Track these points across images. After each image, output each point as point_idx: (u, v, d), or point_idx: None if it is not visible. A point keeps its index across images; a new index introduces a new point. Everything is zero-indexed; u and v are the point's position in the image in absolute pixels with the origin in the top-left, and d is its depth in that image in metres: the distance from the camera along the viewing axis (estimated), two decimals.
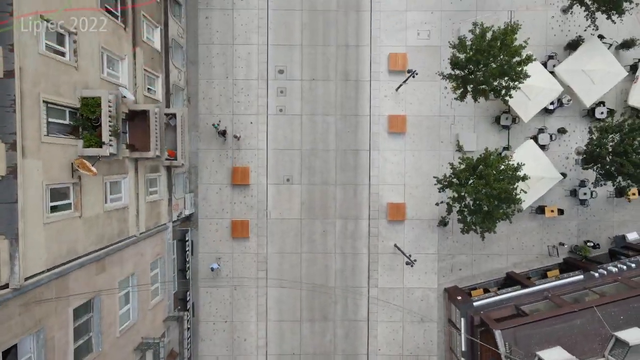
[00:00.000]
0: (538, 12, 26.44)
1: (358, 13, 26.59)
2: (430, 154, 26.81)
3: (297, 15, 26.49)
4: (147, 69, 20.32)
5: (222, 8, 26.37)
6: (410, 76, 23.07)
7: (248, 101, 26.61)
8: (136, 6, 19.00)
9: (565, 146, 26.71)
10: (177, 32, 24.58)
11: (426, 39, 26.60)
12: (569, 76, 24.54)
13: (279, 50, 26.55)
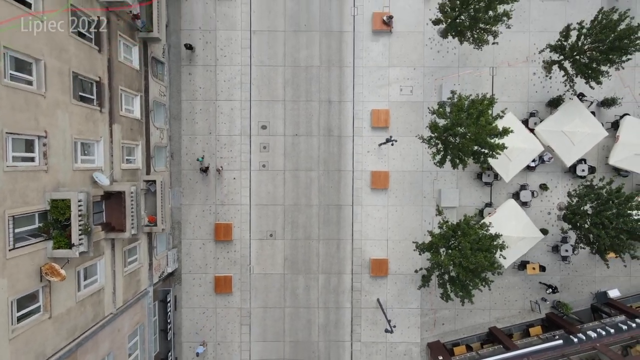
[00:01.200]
0: (520, 68, 26.55)
1: (341, 69, 26.69)
2: (413, 209, 26.88)
3: (280, 71, 26.58)
4: (126, 141, 20.37)
5: (205, 65, 26.45)
6: (389, 143, 23.17)
7: (231, 157, 26.68)
8: (113, 82, 19.08)
9: (548, 201, 26.79)
10: (158, 92, 24.66)
11: (409, 95, 26.69)
12: (549, 136, 24.63)
13: (262, 106, 26.64)
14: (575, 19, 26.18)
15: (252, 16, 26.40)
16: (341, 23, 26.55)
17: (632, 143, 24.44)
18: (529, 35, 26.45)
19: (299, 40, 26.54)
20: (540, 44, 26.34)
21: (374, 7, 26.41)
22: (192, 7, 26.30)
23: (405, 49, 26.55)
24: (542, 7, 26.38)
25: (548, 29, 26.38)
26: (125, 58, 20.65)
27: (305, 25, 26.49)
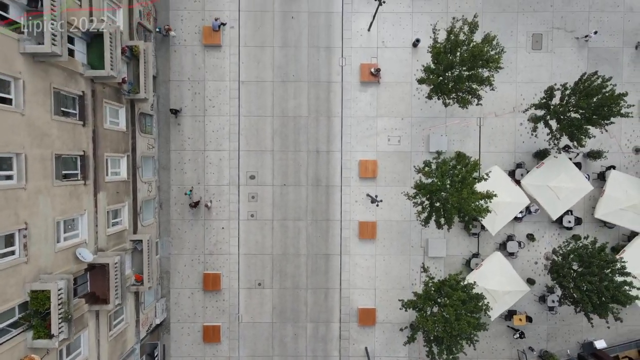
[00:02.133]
0: (507, 119, 26.70)
1: (329, 119, 26.83)
2: (400, 258, 27.00)
3: (268, 122, 26.73)
4: (112, 206, 20.50)
5: (194, 115, 26.59)
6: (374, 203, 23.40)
7: (220, 207, 26.79)
8: (98, 151, 19.21)
9: (535, 251, 26.91)
10: (147, 145, 24.78)
11: (397, 145, 26.83)
12: (535, 190, 24.77)
13: (251, 156, 26.77)
14: (561, 71, 26.48)
15: (241, 67, 26.54)
16: (329, 73, 26.70)
17: (616, 198, 24.59)
18: (516, 86, 26.62)
19: (288, 91, 26.69)
20: (527, 94, 26.57)
21: (361, 59, 26.56)
22: (181, 59, 26.44)
23: (393, 99, 26.71)
24: (528, 58, 26.55)
25: (534, 80, 26.57)
26: (111, 122, 20.79)
27: (293, 75, 26.65)
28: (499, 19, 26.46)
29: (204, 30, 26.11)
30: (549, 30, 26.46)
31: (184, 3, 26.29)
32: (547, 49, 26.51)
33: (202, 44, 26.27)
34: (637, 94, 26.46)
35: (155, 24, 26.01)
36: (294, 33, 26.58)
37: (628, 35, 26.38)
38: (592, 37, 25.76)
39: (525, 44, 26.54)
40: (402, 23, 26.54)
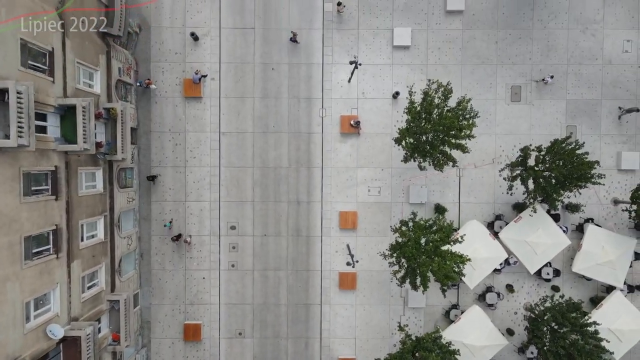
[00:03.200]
0: (486, 170, 26.83)
1: (309, 170, 26.96)
2: (380, 308, 27.10)
3: (249, 172, 26.85)
4: (87, 271, 20.59)
5: (175, 166, 26.72)
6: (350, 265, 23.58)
7: (200, 257, 26.90)
8: (73, 221, 19.31)
9: (514, 301, 27.02)
10: (126, 199, 24.89)
11: (377, 195, 26.95)
12: (513, 245, 24.89)
13: (231, 207, 26.89)
14: (540, 122, 26.65)
15: (222, 118, 26.69)
16: (310, 124, 26.85)
17: (594, 253, 24.71)
18: (495, 137, 26.76)
19: (268, 142, 26.83)
20: (506, 146, 26.73)
21: (342, 110, 26.71)
22: (162, 110, 26.58)
23: (373, 150, 26.84)
24: (507, 110, 26.71)
25: (513, 132, 26.72)
26: (87, 187, 20.91)
27: (274, 126, 26.79)
28: (478, 71, 26.62)
29: (184, 83, 26.26)
30: (527, 83, 26.62)
31: (165, 55, 26.44)
32: (526, 101, 26.67)
33: (183, 95, 26.41)
34: (615, 146, 26.63)
35: (137, 77, 26.17)
36: (275, 84, 26.73)
37: (606, 87, 26.53)
38: (549, 81, 25.89)
39: (505, 96, 26.69)
40: (382, 74, 26.69)
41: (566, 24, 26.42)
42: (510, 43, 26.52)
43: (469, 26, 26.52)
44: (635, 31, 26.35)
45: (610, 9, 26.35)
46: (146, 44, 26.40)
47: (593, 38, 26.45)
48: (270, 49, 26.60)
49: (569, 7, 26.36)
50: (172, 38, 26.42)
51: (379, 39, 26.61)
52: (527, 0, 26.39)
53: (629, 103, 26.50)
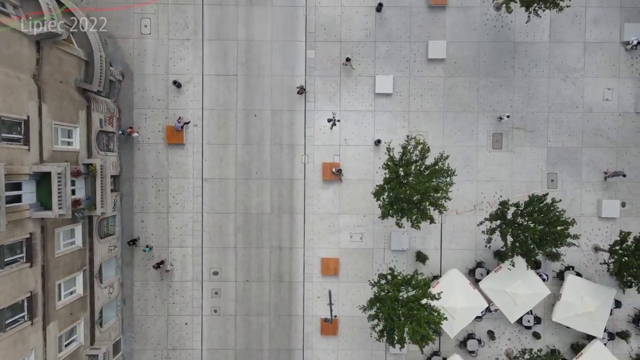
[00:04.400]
0: (468, 217, 26.94)
1: (292, 216, 27.05)
2: (362, 354, 27.17)
3: (231, 218, 26.94)
4: (65, 329, 20.63)
5: (157, 212, 26.79)
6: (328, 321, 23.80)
7: (183, 302, 26.96)
8: (49, 284, 19.36)
9: (495, 347, 27.11)
10: (107, 248, 24.95)
11: (359, 242, 27.05)
12: (493, 294, 24.99)
13: (214, 253, 26.96)
14: (521, 170, 26.80)
15: (204, 165, 26.79)
16: (292, 171, 26.95)
17: (573, 303, 24.81)
18: (477, 184, 26.88)
19: (251, 188, 26.93)
20: (488, 193, 26.86)
21: (324, 157, 26.81)
22: (144, 156, 26.67)
23: (355, 196, 26.95)
24: (489, 157, 26.83)
25: (495, 179, 26.85)
26: (65, 245, 20.96)
27: (256, 173, 26.90)
28: (460, 118, 26.75)
29: (167, 130, 26.36)
30: (509, 130, 26.75)
31: (148, 102, 26.55)
32: (507, 149, 26.80)
33: (165, 142, 26.50)
34: (595, 194, 26.76)
35: (119, 124, 26.27)
36: (257, 131, 26.85)
37: (587, 135, 26.67)
38: (504, 120, 26.01)
39: (486, 143, 26.82)
40: (364, 121, 26.82)
41: (547, 72, 26.58)
42: (491, 91, 26.67)
43: (450, 74, 26.66)
44: (616, 79, 26.51)
45: (590, 57, 26.51)
46: (129, 91, 26.50)
47: (574, 86, 26.61)
48: (253, 96, 26.72)
49: (550, 56, 26.51)
50: (155, 85, 26.53)
51: (361, 85, 26.74)
52: (508, 49, 26.55)
53: (610, 151, 26.65)
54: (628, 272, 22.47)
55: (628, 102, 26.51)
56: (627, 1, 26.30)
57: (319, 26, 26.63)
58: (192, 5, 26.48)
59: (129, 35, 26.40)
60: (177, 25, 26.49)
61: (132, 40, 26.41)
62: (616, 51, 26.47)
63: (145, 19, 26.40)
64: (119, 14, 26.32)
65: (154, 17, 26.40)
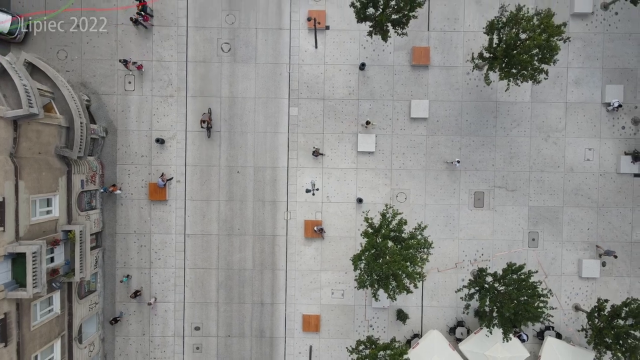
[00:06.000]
0: (449, 274, 27.02)
1: (274, 272, 27.12)
2: None
3: (213, 274, 27.01)
4: None
5: (140, 267, 26.84)
6: None
7: (164, 357, 26.99)
8: (24, 358, 19.39)
9: None
10: (88, 308, 24.99)
11: (340, 298, 27.11)
12: (472, 356, 24.99)
13: (196, 308, 27.01)
14: (503, 228, 26.90)
15: (187, 220, 26.87)
16: (274, 227, 27.03)
17: None
18: (458, 242, 26.97)
19: (233, 244, 27.00)
20: (469, 251, 26.94)
21: (306, 214, 26.90)
22: (127, 212, 26.74)
23: (337, 253, 27.02)
24: (470, 215, 26.92)
25: (476, 237, 26.93)
26: (42, 314, 21.01)
27: (239, 229, 26.97)
28: (442, 177, 26.85)
29: (149, 187, 26.44)
30: (490, 189, 26.86)
31: (131, 158, 26.63)
32: (489, 207, 26.90)
33: (148, 199, 26.58)
34: (576, 253, 26.85)
35: (102, 181, 26.35)
36: (240, 187, 26.94)
37: (568, 195, 26.78)
38: (456, 165, 26.11)
39: (468, 202, 26.92)
40: (347, 179, 26.92)
41: (529, 132, 26.71)
42: (473, 149, 26.79)
43: (433, 132, 26.78)
44: (597, 140, 26.64)
45: (572, 117, 26.65)
46: (112, 146, 26.59)
47: (555, 146, 26.73)
48: (236, 152, 26.83)
49: (532, 116, 26.65)
50: (138, 141, 26.62)
51: (344, 143, 26.86)
52: (490, 108, 26.69)
53: (591, 211, 26.76)
54: (602, 342, 22.53)
55: (609, 162, 26.64)
56: (608, 62, 26.46)
57: (302, 84, 26.77)
58: (176, 62, 26.61)
59: (113, 92, 26.52)
60: (161, 82, 26.61)
61: (117, 96, 26.53)
62: (597, 112, 26.62)
63: (129, 76, 26.51)
64: (103, 70, 26.45)
65: (138, 74, 26.50)
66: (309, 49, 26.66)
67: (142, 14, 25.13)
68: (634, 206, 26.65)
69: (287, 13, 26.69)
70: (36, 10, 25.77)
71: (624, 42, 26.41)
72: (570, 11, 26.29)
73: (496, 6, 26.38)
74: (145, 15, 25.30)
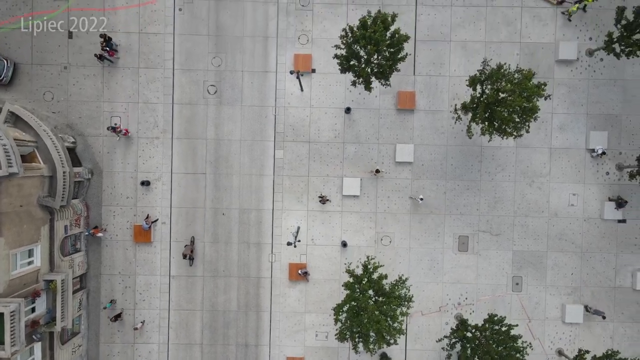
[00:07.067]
0: (433, 318, 27.08)
1: (258, 314, 27.17)
2: None
3: (198, 315, 27.05)
4: None
5: (124, 308, 26.84)
6: None
7: None
8: None
9: None
10: (70, 352, 25.00)
11: (324, 340, 27.15)
12: None
13: (180, 349, 27.04)
14: (487, 272, 26.99)
15: (172, 262, 26.91)
16: (259, 269, 27.09)
17: None
18: (442, 286, 27.02)
19: (218, 285, 27.04)
20: (453, 295, 27.01)
21: (291, 256, 26.95)
22: (112, 253, 26.78)
23: (321, 295, 27.07)
24: (454, 259, 26.98)
25: (461, 281, 26.99)
26: None
27: (224, 270, 27.02)
28: (427, 220, 26.93)
29: (134, 229, 26.48)
30: (474, 233, 26.93)
31: (117, 199, 26.68)
32: (473, 251, 26.97)
33: (133, 240, 26.63)
34: (560, 298, 26.92)
35: (87, 223, 26.39)
36: (225, 229, 26.99)
37: (552, 240, 26.86)
38: (420, 202, 26.13)
39: (452, 245, 26.98)
40: (332, 222, 26.97)
41: (513, 177, 26.80)
42: (458, 194, 26.86)
43: (418, 176, 26.87)
44: (581, 185, 26.73)
45: (556, 162, 26.74)
46: (98, 188, 26.65)
47: (540, 191, 26.82)
48: (221, 194, 26.89)
49: (516, 161, 26.74)
50: (123, 183, 26.68)
51: (329, 186, 26.93)
52: (475, 153, 26.77)
53: (574, 256, 26.83)
54: None
55: (593, 207, 26.72)
56: (592, 108, 26.57)
57: (288, 126, 26.85)
58: (162, 104, 26.68)
59: (99, 133, 26.58)
60: (147, 123, 26.68)
61: (102, 138, 26.59)
62: (582, 157, 26.71)
63: (115, 117, 26.58)
64: (89, 112, 26.52)
65: (124, 116, 26.58)
66: (295, 92, 26.74)
67: (106, 49, 25.07)
68: (617, 252, 26.74)
69: (273, 56, 26.78)
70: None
71: (608, 88, 26.52)
72: (555, 57, 26.40)
73: (482, 52, 26.54)
74: (110, 50, 25.26)
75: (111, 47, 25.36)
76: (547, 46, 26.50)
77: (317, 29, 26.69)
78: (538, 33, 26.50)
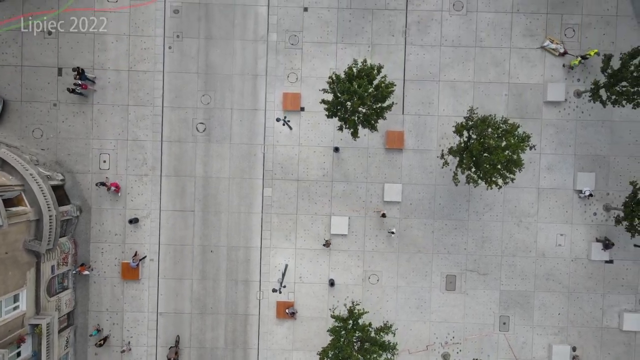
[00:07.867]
0: (420, 356, 27.10)
1: (245, 351, 27.17)
2: None
3: (185, 353, 27.02)
4: None
5: (111, 345, 26.86)
6: None
7: None
8: None
9: None
10: None
11: None
12: None
13: None
14: (474, 312, 27.05)
15: (160, 299, 26.94)
16: (247, 307, 27.12)
17: None
18: (430, 324, 27.06)
19: (205, 322, 27.07)
20: (440, 334, 27.04)
21: (278, 295, 26.97)
22: (100, 290, 26.82)
23: (309, 333, 27.10)
24: (442, 298, 27.00)
25: (448, 320, 27.02)
26: None
27: (211, 307, 27.06)
28: (414, 259, 26.98)
29: (122, 267, 26.52)
30: (462, 272, 26.97)
31: (105, 236, 26.72)
32: (461, 290, 27.01)
33: (121, 278, 26.66)
34: (547, 337, 26.95)
35: (75, 260, 26.42)
36: (213, 266, 27.03)
37: (540, 279, 26.91)
38: (392, 236, 26.39)
39: (440, 284, 27.03)
40: (320, 260, 27.02)
41: (501, 217, 26.86)
42: (446, 233, 26.92)
43: (406, 215, 26.91)
44: (569, 225, 26.79)
45: (544, 203, 26.80)
46: (86, 225, 26.68)
47: (527, 231, 26.87)
48: (210, 232, 26.93)
49: (504, 201, 26.80)
50: (112, 220, 26.71)
51: (317, 224, 26.97)
52: (463, 192, 26.82)
53: (562, 296, 26.88)
54: None
55: (580, 248, 26.78)
56: (580, 149, 26.63)
57: (277, 164, 26.91)
58: (150, 142, 26.74)
59: (88, 170, 26.63)
60: (136, 161, 26.72)
61: (91, 175, 26.63)
62: (570, 197, 26.77)
63: (104, 154, 26.64)
64: (78, 149, 26.57)
65: (113, 153, 26.64)
66: (284, 130, 26.81)
67: (79, 83, 25.06)
68: (604, 292, 26.79)
69: (262, 94, 26.85)
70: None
71: (596, 129, 26.60)
72: (543, 99, 26.48)
73: (470, 92, 26.63)
74: (83, 83, 25.23)
75: (86, 79, 25.37)
76: (535, 87, 26.59)
77: (306, 67, 26.76)
78: (526, 74, 26.58)
